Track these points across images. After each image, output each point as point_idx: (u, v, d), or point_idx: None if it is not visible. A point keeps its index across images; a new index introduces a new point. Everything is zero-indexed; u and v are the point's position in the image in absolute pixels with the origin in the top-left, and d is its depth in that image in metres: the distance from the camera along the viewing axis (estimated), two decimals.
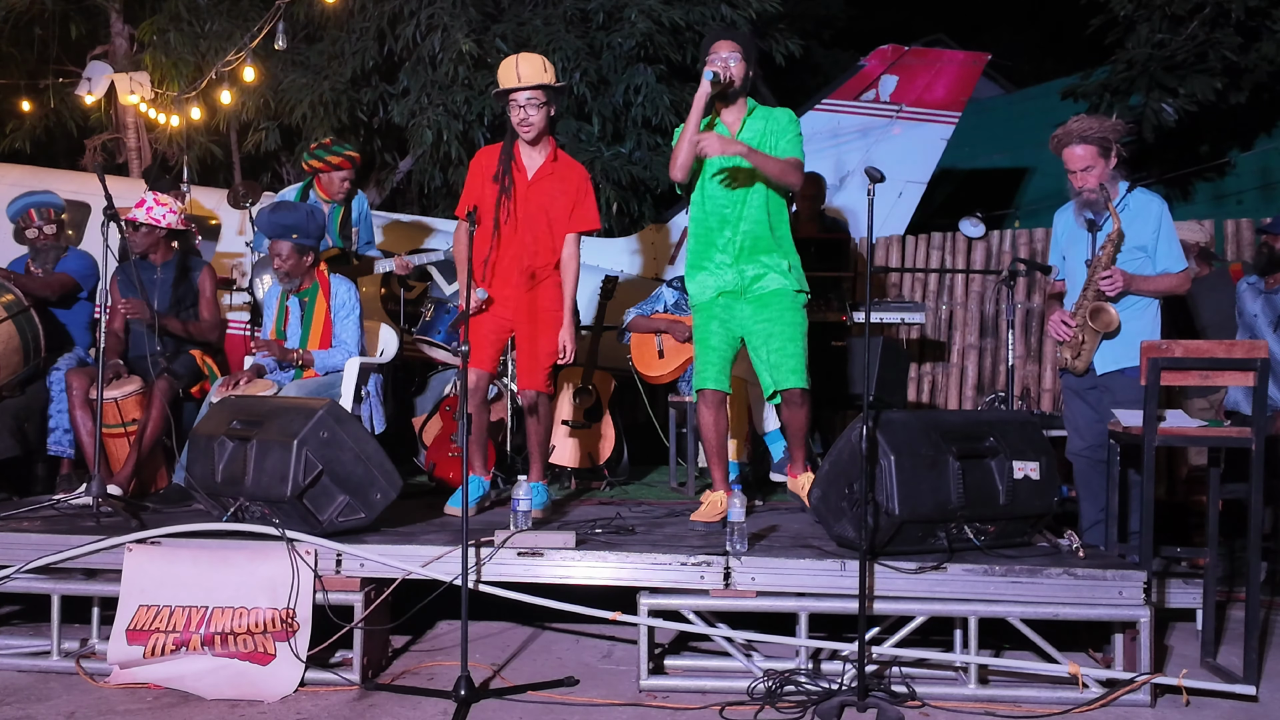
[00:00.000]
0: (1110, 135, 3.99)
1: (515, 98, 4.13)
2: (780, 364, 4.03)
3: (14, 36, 10.19)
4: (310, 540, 3.52)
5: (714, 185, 4.07)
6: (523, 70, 4.12)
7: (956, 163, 10.07)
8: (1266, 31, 8.29)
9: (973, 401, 6.95)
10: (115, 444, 4.68)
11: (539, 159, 4.25)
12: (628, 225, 8.87)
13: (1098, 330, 4.01)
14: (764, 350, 4.06)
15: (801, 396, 4.06)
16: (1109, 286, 3.95)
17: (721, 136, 3.92)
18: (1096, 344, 4.05)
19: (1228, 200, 9.48)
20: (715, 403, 4.13)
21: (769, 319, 4.05)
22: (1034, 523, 3.69)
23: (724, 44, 3.99)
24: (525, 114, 4.13)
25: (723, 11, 8.67)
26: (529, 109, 4.13)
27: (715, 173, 4.05)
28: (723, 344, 4.13)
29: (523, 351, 4.34)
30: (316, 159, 5.37)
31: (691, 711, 3.19)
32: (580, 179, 4.32)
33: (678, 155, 3.99)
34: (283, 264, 4.71)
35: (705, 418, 4.15)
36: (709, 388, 4.12)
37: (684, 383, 5.58)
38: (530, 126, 4.15)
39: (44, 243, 5.21)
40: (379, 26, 8.62)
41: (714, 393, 4.12)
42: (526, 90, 4.11)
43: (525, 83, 4.11)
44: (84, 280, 5.21)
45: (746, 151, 3.91)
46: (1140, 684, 3.27)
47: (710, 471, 4.25)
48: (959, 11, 15.42)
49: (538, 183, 4.24)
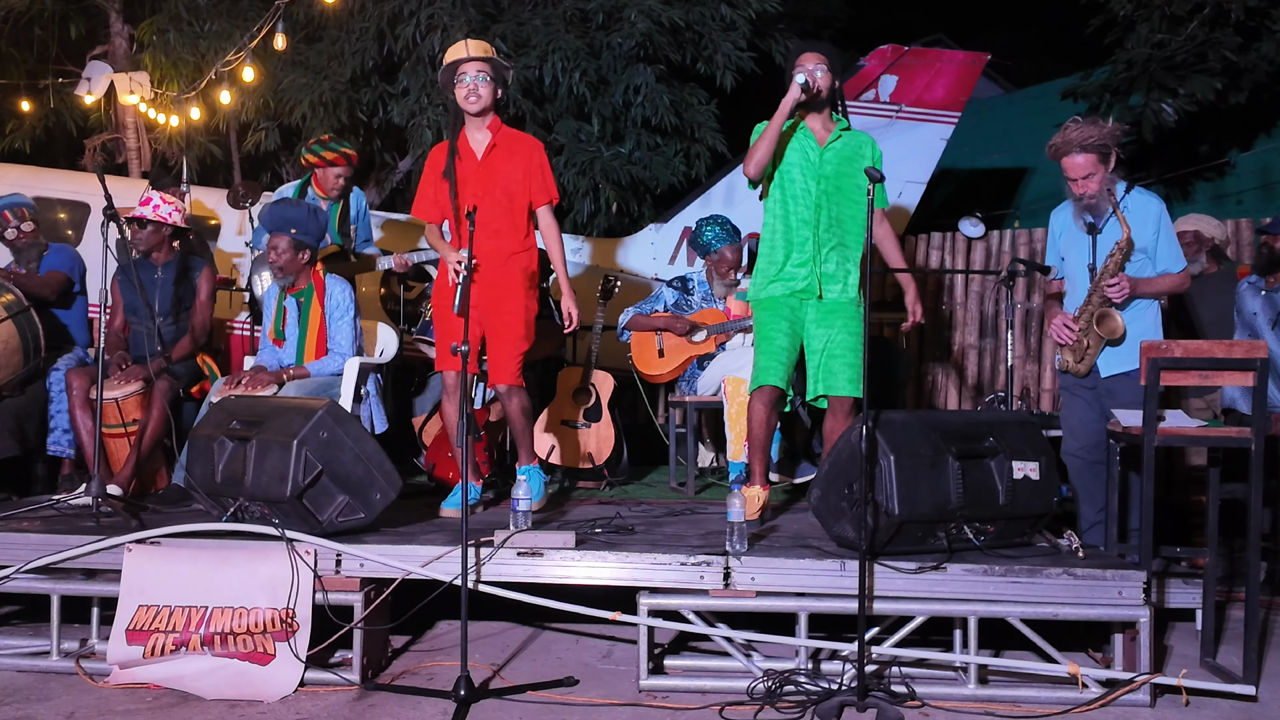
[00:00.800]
0: (1109, 141, 3.99)
1: (465, 69, 4.13)
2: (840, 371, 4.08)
3: (13, 36, 10.20)
4: (310, 540, 3.52)
5: (794, 188, 4.13)
6: (472, 46, 4.16)
7: (956, 163, 10.07)
8: (1266, 31, 8.30)
9: (972, 401, 6.95)
10: (115, 444, 4.68)
11: (484, 138, 4.23)
12: (628, 225, 8.87)
13: (1103, 336, 4.02)
14: (822, 355, 4.11)
15: (855, 406, 4.10)
16: (1116, 293, 3.96)
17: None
18: (1100, 348, 4.06)
19: (1227, 200, 9.49)
20: (771, 400, 4.14)
21: (838, 326, 4.10)
22: (1034, 523, 3.69)
23: (810, 56, 4.08)
24: (474, 85, 4.13)
25: (722, 11, 8.68)
26: (477, 82, 4.14)
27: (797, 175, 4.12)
28: (790, 344, 4.15)
29: (490, 346, 4.28)
30: (313, 154, 5.38)
31: (691, 711, 3.19)
32: (531, 148, 4.29)
33: (755, 152, 4.05)
34: (278, 258, 4.71)
35: (758, 414, 4.13)
36: (770, 384, 4.11)
37: (684, 382, 5.58)
38: (479, 99, 4.15)
39: (23, 241, 5.25)
40: (379, 26, 8.63)
41: (773, 389, 4.12)
42: (476, 62, 4.13)
43: (473, 53, 4.13)
44: (75, 274, 5.28)
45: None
46: (1140, 684, 3.27)
47: (750, 465, 4.24)
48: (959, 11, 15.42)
49: (487, 158, 4.21)
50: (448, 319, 4.22)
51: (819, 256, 4.12)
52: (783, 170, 4.15)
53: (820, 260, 4.12)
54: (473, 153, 4.23)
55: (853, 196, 4.13)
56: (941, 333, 7.08)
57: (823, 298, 4.12)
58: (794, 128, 4.14)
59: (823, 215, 4.11)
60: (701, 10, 8.64)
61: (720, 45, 8.66)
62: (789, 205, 4.15)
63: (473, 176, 4.21)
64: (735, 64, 8.70)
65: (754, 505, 4.08)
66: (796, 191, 4.14)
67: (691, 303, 5.67)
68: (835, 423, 4.13)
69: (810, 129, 4.15)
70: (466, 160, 4.22)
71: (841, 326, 4.11)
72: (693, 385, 5.50)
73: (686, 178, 9.00)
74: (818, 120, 4.16)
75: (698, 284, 5.70)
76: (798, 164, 4.13)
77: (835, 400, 4.11)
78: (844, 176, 4.12)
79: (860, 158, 4.15)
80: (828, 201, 4.12)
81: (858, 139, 4.20)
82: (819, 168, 4.11)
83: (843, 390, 4.07)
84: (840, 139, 4.15)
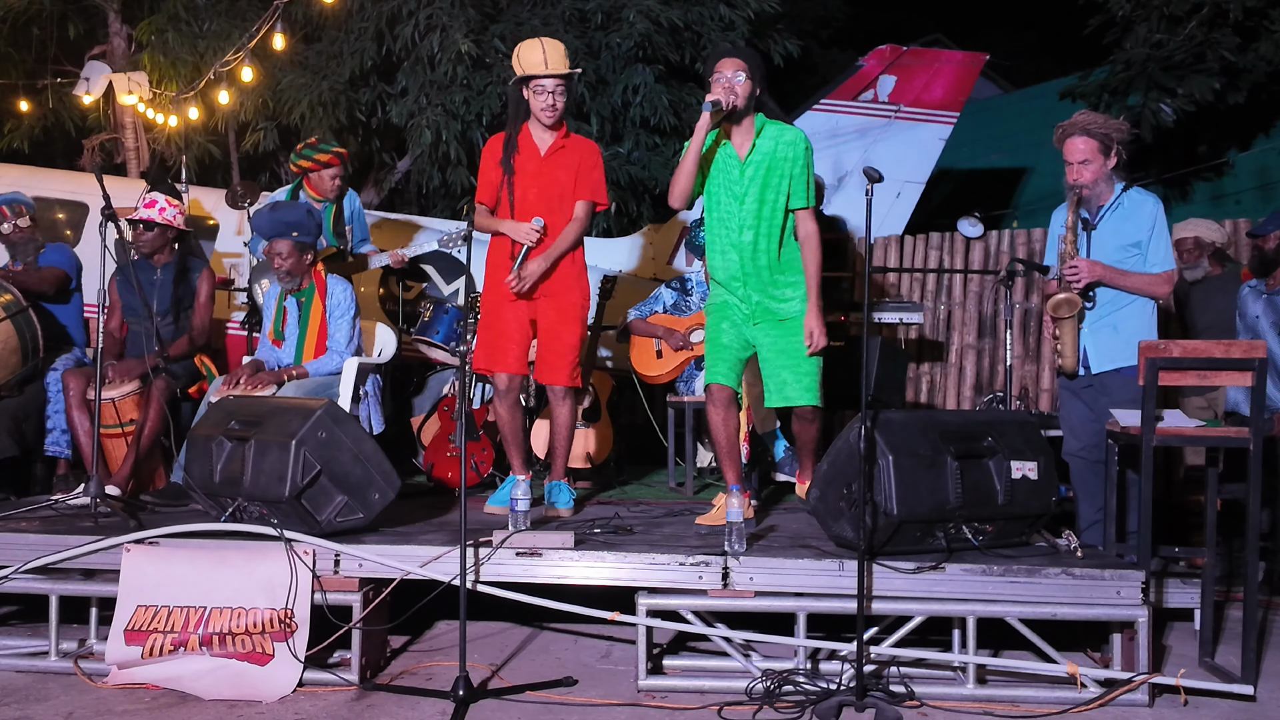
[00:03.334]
0: (1113, 134, 3.99)
1: (544, 83, 4.14)
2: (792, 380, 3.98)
3: (12, 36, 10.18)
4: (308, 540, 3.52)
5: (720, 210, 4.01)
6: (551, 57, 4.13)
7: (955, 163, 10.07)
8: (1264, 32, 8.30)
9: (971, 401, 6.95)
10: (113, 444, 4.67)
11: (548, 138, 4.25)
12: (626, 225, 8.87)
13: (1064, 318, 4.01)
14: (772, 365, 4.02)
15: (813, 413, 4.05)
16: (1072, 275, 3.98)
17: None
18: (1074, 338, 4.03)
19: (1226, 200, 9.49)
20: (724, 401, 4.02)
21: (784, 336, 4.00)
22: (1032, 523, 3.70)
23: (728, 61, 3.90)
24: (553, 99, 4.16)
25: (721, 11, 8.67)
26: (556, 95, 4.16)
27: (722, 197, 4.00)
28: (734, 342, 4.05)
29: (545, 345, 4.30)
30: (305, 159, 5.36)
31: (690, 711, 3.19)
32: (591, 151, 4.34)
33: (676, 183, 3.90)
34: (283, 262, 4.70)
35: (714, 417, 4.02)
36: (717, 383, 4.02)
37: (682, 383, 5.59)
38: (555, 111, 4.18)
39: (20, 236, 5.24)
40: (377, 27, 8.62)
41: (721, 388, 4.01)
42: (555, 77, 4.14)
43: (554, 70, 4.13)
44: (73, 272, 5.27)
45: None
46: (1138, 684, 3.27)
47: (723, 472, 4.15)
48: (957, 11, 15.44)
49: (551, 157, 4.24)
50: (499, 318, 4.22)
51: (750, 278, 3.98)
52: (709, 191, 4.02)
53: (753, 280, 3.98)
54: (535, 149, 4.24)
55: (781, 204, 3.97)
56: (940, 333, 7.08)
57: (759, 317, 4.01)
58: (716, 144, 3.98)
59: (748, 236, 3.96)
60: (700, 10, 8.63)
61: (719, 45, 8.66)
62: (717, 227, 4.01)
63: (534, 173, 4.22)
64: None
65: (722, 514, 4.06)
66: (722, 213, 4.00)
67: (690, 303, 5.67)
68: (800, 426, 4.14)
69: (733, 144, 3.96)
70: (527, 155, 4.23)
71: (786, 336, 3.98)
72: (690, 386, 5.50)
73: None
74: (740, 132, 3.95)
75: (696, 284, 5.70)
76: (722, 183, 3.98)
77: (795, 409, 4.06)
78: (766, 186, 3.94)
79: (782, 160, 3.94)
80: (755, 218, 3.96)
81: (779, 139, 3.95)
82: (741, 184, 3.94)
83: (799, 400, 3.99)
84: (758, 146, 3.94)
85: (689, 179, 3.89)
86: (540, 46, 4.16)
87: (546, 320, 4.28)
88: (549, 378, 4.30)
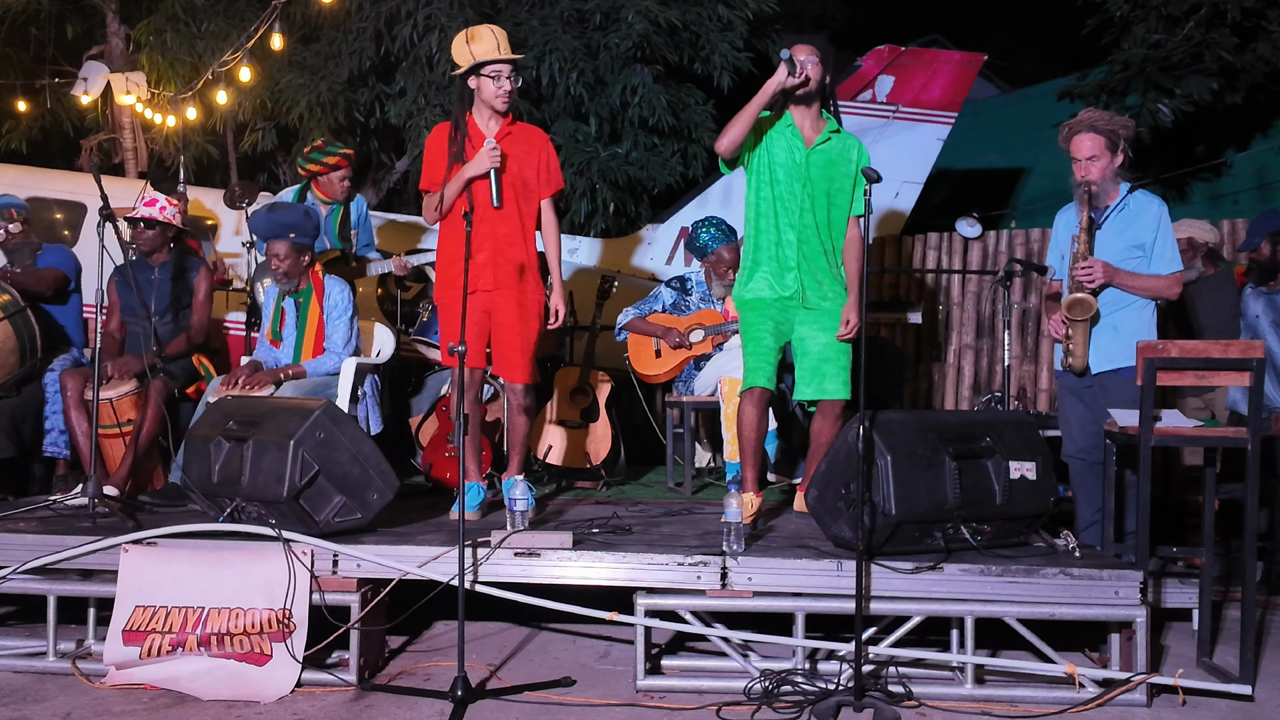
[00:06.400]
0: (1120, 130, 4.00)
1: (500, 68, 4.12)
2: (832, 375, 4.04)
3: (10, 36, 10.18)
4: (307, 541, 3.52)
5: (779, 189, 4.05)
6: (503, 42, 4.14)
7: (953, 163, 10.07)
8: (1262, 32, 8.31)
9: (969, 402, 6.96)
10: (111, 444, 4.67)
11: (495, 125, 4.22)
12: (625, 225, 8.87)
13: (1078, 320, 4.00)
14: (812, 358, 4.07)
15: (843, 410, 4.08)
16: (1085, 277, 3.96)
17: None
18: (1086, 339, 4.03)
19: (1224, 200, 9.50)
20: (763, 403, 4.10)
21: (828, 329, 4.05)
22: (1030, 523, 3.70)
23: (802, 47, 3.97)
24: (508, 85, 4.14)
25: (719, 12, 8.68)
26: (510, 79, 4.14)
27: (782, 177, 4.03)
28: (777, 343, 4.10)
29: (505, 342, 4.24)
30: (313, 162, 5.36)
31: (688, 712, 3.19)
32: (542, 140, 4.33)
33: (731, 128, 3.92)
34: (280, 264, 4.70)
35: (749, 416, 4.09)
36: (759, 385, 4.07)
37: (680, 382, 5.58)
38: (508, 96, 4.16)
39: (15, 242, 5.24)
40: (376, 27, 8.61)
41: (764, 392, 4.08)
42: (509, 62, 4.13)
43: (506, 54, 4.12)
44: (71, 273, 5.27)
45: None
46: (1136, 684, 3.27)
47: (742, 471, 4.20)
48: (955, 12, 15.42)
49: (501, 143, 4.18)
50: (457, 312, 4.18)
51: (804, 263, 4.06)
52: (770, 169, 4.06)
53: (806, 266, 4.06)
54: (483, 137, 4.20)
55: (838, 201, 4.07)
56: (938, 333, 7.08)
57: (810, 303, 4.08)
58: (781, 121, 4.04)
59: (808, 219, 4.04)
60: (699, 11, 8.63)
61: (717, 46, 8.66)
62: (776, 206, 4.07)
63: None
64: (732, 64, 8.69)
65: (747, 511, 4.07)
66: (782, 193, 4.05)
67: (689, 303, 5.67)
68: (824, 424, 4.13)
69: (798, 127, 4.05)
70: (478, 143, 4.19)
71: (831, 329, 4.07)
72: (690, 385, 5.50)
73: (684, 178, 9.00)
74: (806, 118, 4.06)
75: (695, 284, 5.70)
76: (784, 164, 4.04)
77: (826, 403, 4.10)
78: (830, 180, 4.06)
79: (847, 162, 4.08)
80: (813, 205, 4.04)
81: (846, 142, 4.12)
82: (805, 170, 4.03)
83: (834, 394, 4.06)
84: (829, 141, 4.08)
85: (745, 127, 3.89)
86: (491, 32, 4.15)
87: (504, 315, 4.22)
88: (507, 374, 4.26)
